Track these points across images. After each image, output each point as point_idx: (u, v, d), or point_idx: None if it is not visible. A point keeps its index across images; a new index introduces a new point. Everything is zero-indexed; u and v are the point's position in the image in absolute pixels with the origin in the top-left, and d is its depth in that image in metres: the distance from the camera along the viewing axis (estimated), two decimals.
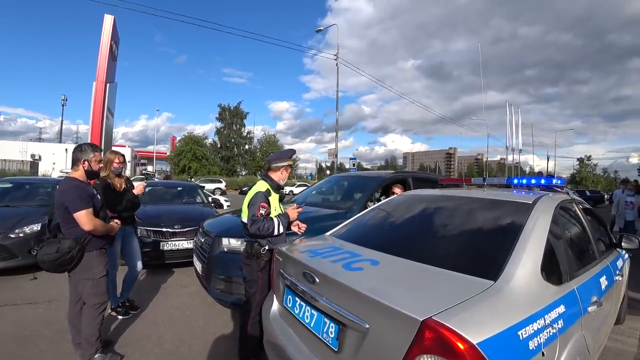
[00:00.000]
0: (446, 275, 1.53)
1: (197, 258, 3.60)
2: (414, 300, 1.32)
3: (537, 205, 1.93)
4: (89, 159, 2.37)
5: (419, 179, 4.65)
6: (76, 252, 2.22)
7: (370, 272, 1.66)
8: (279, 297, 2.08)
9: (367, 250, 1.95)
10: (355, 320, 1.37)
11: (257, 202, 2.42)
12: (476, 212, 2.15)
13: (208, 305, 3.62)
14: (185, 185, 8.11)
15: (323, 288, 1.60)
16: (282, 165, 2.61)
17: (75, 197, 2.21)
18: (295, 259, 1.94)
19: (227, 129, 46.89)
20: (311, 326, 1.65)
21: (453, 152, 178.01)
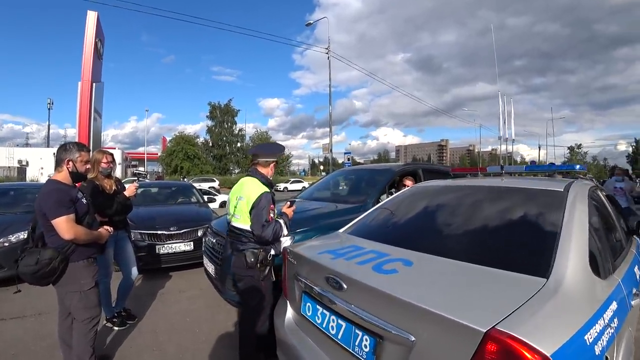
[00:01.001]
0: (491, 274, 1.35)
1: (208, 259, 3.45)
2: (469, 308, 1.13)
3: (570, 193, 1.78)
4: (73, 158, 2.13)
5: (429, 170, 4.51)
6: (58, 263, 1.98)
7: (407, 275, 1.45)
8: (294, 304, 1.87)
9: (393, 248, 1.74)
10: (396, 333, 1.19)
11: (267, 205, 2.18)
12: (506, 202, 1.98)
13: (210, 310, 3.43)
14: (179, 185, 7.85)
15: (352, 295, 1.40)
16: (271, 161, 2.41)
17: (54, 202, 1.97)
18: (315, 261, 1.73)
19: (218, 127, 46.23)
20: (338, 338, 1.46)
21: (445, 144, 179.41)
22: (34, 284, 2.03)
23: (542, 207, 1.78)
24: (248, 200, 2.20)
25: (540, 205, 1.80)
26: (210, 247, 3.50)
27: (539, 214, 1.76)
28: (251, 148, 2.68)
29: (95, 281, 2.20)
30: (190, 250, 4.76)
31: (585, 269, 1.34)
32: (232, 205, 2.35)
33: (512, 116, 30.41)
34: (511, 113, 30.44)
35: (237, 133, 47.79)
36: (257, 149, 2.51)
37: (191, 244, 4.78)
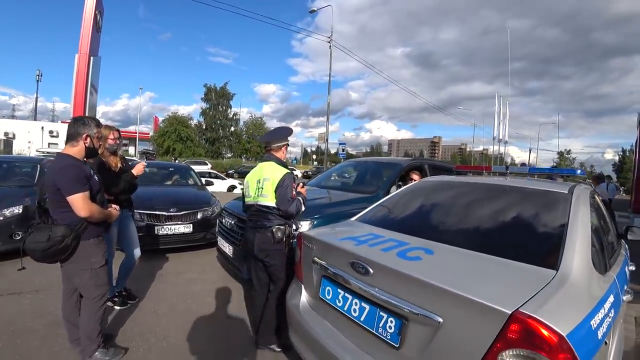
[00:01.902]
0: (508, 264, 1.45)
1: (225, 240, 3.65)
2: (494, 292, 1.22)
3: (574, 195, 1.93)
4: (92, 134, 2.05)
5: (434, 166, 4.65)
6: (71, 241, 1.93)
7: (430, 262, 1.52)
8: (311, 288, 1.90)
9: (411, 237, 1.80)
10: (425, 314, 1.27)
11: (290, 183, 2.41)
12: (516, 200, 2.09)
13: (209, 293, 3.42)
14: (177, 166, 7.72)
15: (379, 279, 1.47)
16: (283, 145, 2.60)
17: (70, 178, 1.91)
18: (338, 247, 1.75)
19: (212, 110, 45.40)
20: (361, 320, 1.52)
21: (438, 141, 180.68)
22: (42, 261, 1.97)
23: (549, 206, 1.90)
24: (273, 180, 2.39)
25: (547, 204, 1.93)
26: (227, 229, 3.69)
27: (547, 213, 1.87)
28: (261, 137, 2.75)
29: (106, 259, 2.17)
30: (189, 232, 4.72)
31: (588, 264, 1.45)
32: (253, 187, 2.51)
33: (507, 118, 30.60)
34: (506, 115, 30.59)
35: (232, 117, 47.08)
36: (267, 137, 2.68)
37: (190, 226, 4.74)
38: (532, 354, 1.04)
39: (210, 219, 5.01)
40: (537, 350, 1.03)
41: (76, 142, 2.02)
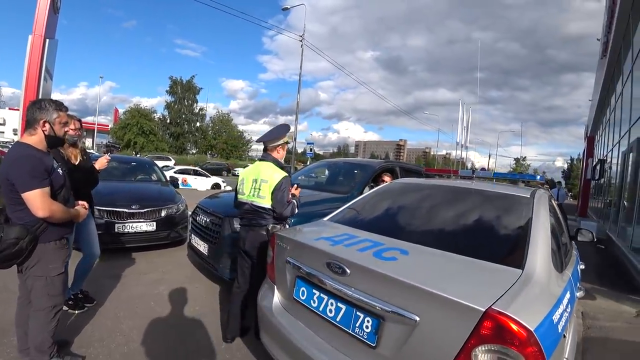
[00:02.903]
0: (477, 264, 1.53)
1: (199, 238, 3.61)
2: (467, 291, 1.27)
3: (535, 199, 2.06)
4: (51, 119, 1.80)
5: (405, 168, 4.83)
6: (26, 244, 1.71)
7: (406, 262, 1.55)
8: (284, 289, 1.88)
9: (385, 238, 1.83)
10: (402, 314, 1.29)
11: (287, 187, 2.44)
12: (483, 203, 2.21)
13: (175, 294, 3.27)
14: (140, 161, 7.32)
15: (356, 279, 1.48)
16: (279, 144, 2.58)
17: (26, 171, 1.67)
18: (314, 247, 1.74)
19: (178, 103, 43.52)
20: (337, 321, 1.53)
21: (403, 144, 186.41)
22: None
23: (513, 209, 2.03)
24: (271, 184, 2.40)
25: (511, 207, 2.06)
26: (202, 226, 3.64)
27: (511, 215, 2.00)
28: (258, 137, 2.73)
29: (65, 266, 1.97)
30: (152, 230, 4.49)
31: (549, 264, 1.56)
32: (248, 186, 2.51)
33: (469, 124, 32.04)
34: (469, 121, 32.00)
35: (198, 112, 45.47)
36: (263, 138, 2.62)
37: (154, 224, 4.51)
38: (503, 349, 1.10)
39: (174, 216, 4.81)
40: (508, 345, 1.09)
41: (34, 129, 1.78)
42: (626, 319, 3.77)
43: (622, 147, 9.30)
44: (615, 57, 10.69)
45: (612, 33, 9.69)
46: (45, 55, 5.68)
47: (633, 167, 7.91)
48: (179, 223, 4.90)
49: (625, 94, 9.36)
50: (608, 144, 12.90)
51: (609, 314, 3.81)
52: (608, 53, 10.92)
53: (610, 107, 12.80)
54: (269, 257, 2.08)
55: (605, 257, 7.19)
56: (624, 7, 8.17)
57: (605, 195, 12.56)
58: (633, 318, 3.80)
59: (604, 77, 12.56)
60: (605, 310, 3.90)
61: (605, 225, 10.70)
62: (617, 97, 11.05)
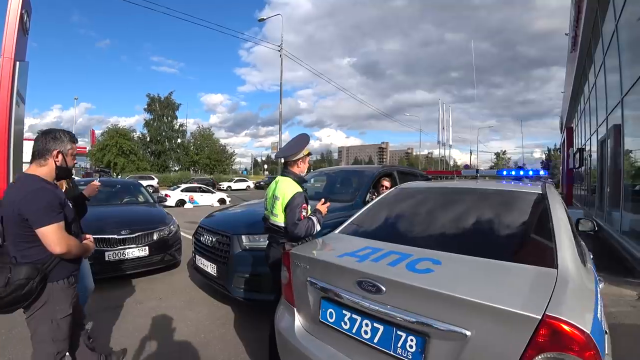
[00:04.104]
0: (512, 268, 1.46)
1: (206, 259, 3.50)
2: (517, 298, 1.20)
3: (548, 195, 2.02)
4: (64, 151, 1.72)
5: (403, 172, 4.85)
6: (36, 284, 1.56)
7: (443, 273, 1.44)
8: (307, 311, 1.73)
9: (411, 248, 1.72)
10: (450, 329, 1.20)
11: (300, 204, 2.28)
12: (500, 203, 2.15)
13: (175, 323, 3.07)
14: (125, 183, 7.03)
15: (393, 297, 1.37)
16: (299, 158, 2.44)
17: (43, 206, 1.56)
18: (340, 265, 1.61)
19: (157, 121, 42.64)
20: (374, 342, 1.41)
21: (385, 147, 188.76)
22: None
23: (530, 206, 1.98)
24: (283, 199, 2.28)
25: (528, 205, 2.01)
26: (208, 247, 3.52)
27: (530, 213, 1.95)
28: (276, 153, 2.65)
29: (72, 307, 1.78)
30: (145, 255, 4.26)
31: (576, 259, 1.50)
32: (268, 202, 2.45)
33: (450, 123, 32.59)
34: (449, 120, 32.65)
35: (178, 128, 44.74)
36: (282, 153, 2.51)
37: (146, 249, 4.28)
38: (562, 356, 1.04)
39: (167, 239, 4.59)
40: (567, 351, 1.04)
41: (44, 160, 1.67)
42: (629, 302, 3.81)
43: (600, 134, 9.62)
44: (585, 50, 11.11)
45: (580, 27, 10.09)
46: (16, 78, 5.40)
47: (612, 153, 8.19)
48: (173, 245, 4.68)
49: (599, 84, 9.71)
50: (585, 133, 13.36)
51: (612, 299, 3.83)
52: (578, 46, 11.36)
53: (584, 98, 13.28)
54: (284, 278, 1.94)
55: (595, 243, 7.33)
56: (591, 3, 8.54)
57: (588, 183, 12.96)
58: (636, 301, 3.85)
59: (576, 69, 13.05)
60: (607, 296, 3.92)
61: (591, 211, 11.00)
62: (590, 88, 11.47)
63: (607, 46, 8.16)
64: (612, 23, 7.46)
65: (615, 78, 7.39)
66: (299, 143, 2.47)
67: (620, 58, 7.08)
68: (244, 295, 3.06)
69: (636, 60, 6.29)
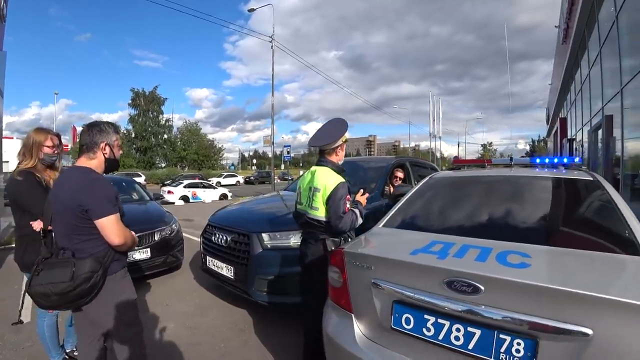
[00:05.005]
0: (604, 257, 1.41)
1: (219, 260, 3.24)
2: (633, 289, 1.14)
3: (600, 180, 1.98)
4: (111, 142, 1.72)
5: (414, 163, 4.80)
6: (100, 277, 1.57)
7: (540, 266, 1.35)
8: (373, 318, 1.54)
9: (484, 240, 1.59)
10: (569, 329, 1.07)
11: (344, 195, 2.07)
12: (552, 190, 2.11)
13: (189, 332, 2.82)
14: (117, 179, 6.63)
15: (493, 296, 1.22)
16: (338, 145, 2.23)
17: (104, 196, 1.58)
18: (421, 264, 1.42)
19: (142, 116, 41.30)
20: (469, 349, 1.26)
21: (373, 140, 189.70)
22: (57, 308, 1.60)
23: (589, 193, 1.92)
24: (324, 191, 2.09)
25: (586, 192, 1.95)
26: (222, 246, 3.24)
27: (592, 200, 1.89)
28: (310, 140, 2.36)
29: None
30: (146, 258, 3.96)
31: None
32: (305, 195, 2.23)
33: (440, 116, 32.88)
34: (439, 112, 32.89)
35: (164, 124, 43.54)
36: (319, 142, 2.24)
37: (147, 251, 3.98)
38: None
39: (170, 239, 4.30)
40: None
41: (93, 153, 1.67)
42: None
43: (594, 124, 9.70)
44: (578, 41, 11.16)
45: (574, 19, 10.11)
46: None
47: (606, 142, 8.27)
48: (175, 246, 4.39)
49: (593, 75, 9.77)
50: (577, 123, 13.54)
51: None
52: (571, 38, 11.41)
53: (576, 89, 13.42)
54: (335, 282, 1.73)
55: None
56: None
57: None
58: None
59: (567, 61, 13.15)
60: None
61: None
62: (583, 79, 11.56)
63: (604, 37, 8.17)
64: (611, 13, 7.44)
65: (615, 66, 7.40)
66: (338, 129, 2.25)
67: (620, 47, 7.08)
68: (268, 299, 2.83)
69: (637, 50, 6.28)
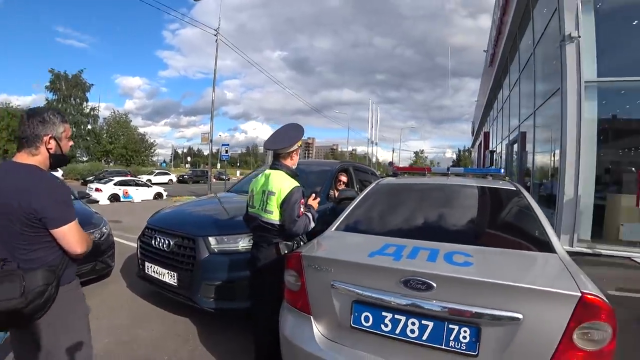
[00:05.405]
0: (529, 255, 1.69)
1: (160, 266, 3.01)
2: (554, 280, 1.41)
3: (522, 191, 2.32)
4: (57, 135, 1.43)
5: (357, 168, 5.01)
6: (54, 290, 1.36)
7: (481, 264, 1.53)
8: (332, 318, 1.61)
9: (432, 243, 1.76)
10: (505, 315, 1.29)
11: (298, 199, 2.09)
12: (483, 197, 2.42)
13: (129, 348, 2.56)
14: None
15: (444, 292, 1.38)
16: (294, 150, 2.24)
17: (63, 200, 1.38)
18: (378, 266, 1.53)
19: (62, 102, 36.15)
20: (423, 339, 1.41)
21: (312, 142, 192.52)
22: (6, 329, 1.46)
23: (513, 200, 2.25)
24: (279, 195, 2.08)
25: (510, 199, 2.28)
26: (163, 251, 3.00)
27: (517, 206, 2.19)
28: (265, 142, 2.32)
29: None
30: None
31: (559, 241, 1.79)
32: (258, 198, 2.19)
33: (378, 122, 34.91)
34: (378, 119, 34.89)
35: (88, 112, 39.06)
36: (274, 145, 2.24)
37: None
38: (596, 324, 1.22)
39: (99, 243, 3.83)
40: (599, 320, 1.22)
41: (36, 149, 1.39)
42: None
43: (512, 138, 11.09)
44: (502, 66, 12.65)
45: (501, 47, 11.45)
46: None
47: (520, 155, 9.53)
48: (105, 251, 3.93)
49: (513, 97, 11.15)
50: (497, 137, 15.31)
51: None
52: (496, 63, 12.88)
53: (498, 107, 15.17)
54: (292, 285, 1.74)
55: None
56: (512, 27, 9.76)
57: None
58: None
59: (492, 82, 14.82)
60: None
61: None
62: (504, 99, 13.11)
63: (523, 64, 9.39)
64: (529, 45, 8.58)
65: (530, 90, 8.54)
66: (295, 133, 2.27)
67: (535, 75, 8.19)
68: (215, 306, 2.70)
69: (547, 79, 7.34)
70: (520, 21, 9.36)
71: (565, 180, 5.37)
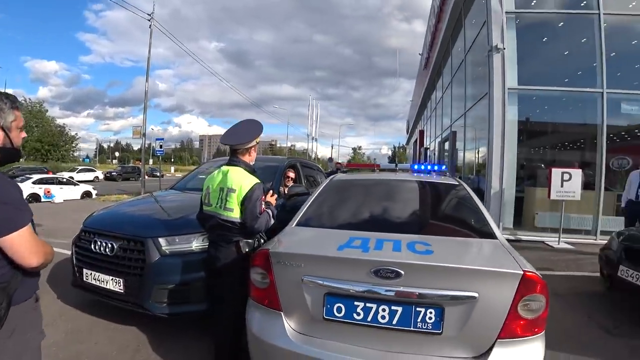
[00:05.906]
0: (476, 242, 1.92)
1: (102, 272, 2.73)
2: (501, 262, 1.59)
3: (463, 185, 2.61)
4: (6, 124, 1.18)
5: (304, 164, 5.15)
6: (4, 311, 1.14)
7: (440, 251, 1.67)
8: (304, 312, 1.64)
9: (391, 234, 1.89)
10: (465, 295, 1.45)
11: (259, 196, 2.07)
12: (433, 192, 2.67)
13: None
14: None
15: (412, 279, 1.50)
16: (252, 146, 2.21)
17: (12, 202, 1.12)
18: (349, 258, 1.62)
19: None
20: (393, 324, 1.53)
21: None
22: None
23: (458, 194, 2.52)
24: (240, 192, 2.04)
25: (453, 192, 2.57)
26: (107, 256, 2.76)
27: (461, 198, 2.46)
28: (222, 137, 2.21)
29: None
30: None
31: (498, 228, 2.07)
32: (215, 196, 2.12)
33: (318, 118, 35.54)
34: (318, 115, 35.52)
35: None
36: (232, 140, 2.18)
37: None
38: (535, 297, 1.44)
39: None
40: (538, 293, 1.45)
41: None
42: None
43: (444, 137, 12.12)
44: (436, 70, 13.69)
45: (435, 52, 12.37)
46: None
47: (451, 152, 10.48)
48: None
49: (445, 98, 12.14)
50: (431, 135, 16.58)
51: None
52: (431, 66, 13.89)
53: (431, 107, 16.40)
54: (259, 283, 1.74)
55: None
56: (446, 34, 10.60)
57: None
58: None
59: (426, 85, 15.95)
60: None
61: None
62: (437, 100, 14.22)
63: (455, 69, 10.28)
64: (460, 52, 9.41)
65: (461, 93, 9.40)
66: (253, 129, 2.24)
67: (466, 79, 9.03)
68: (169, 310, 2.54)
69: (476, 84, 8.16)
70: (453, 29, 10.24)
71: (492, 175, 6.06)
